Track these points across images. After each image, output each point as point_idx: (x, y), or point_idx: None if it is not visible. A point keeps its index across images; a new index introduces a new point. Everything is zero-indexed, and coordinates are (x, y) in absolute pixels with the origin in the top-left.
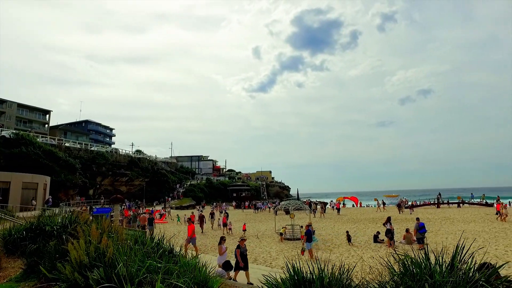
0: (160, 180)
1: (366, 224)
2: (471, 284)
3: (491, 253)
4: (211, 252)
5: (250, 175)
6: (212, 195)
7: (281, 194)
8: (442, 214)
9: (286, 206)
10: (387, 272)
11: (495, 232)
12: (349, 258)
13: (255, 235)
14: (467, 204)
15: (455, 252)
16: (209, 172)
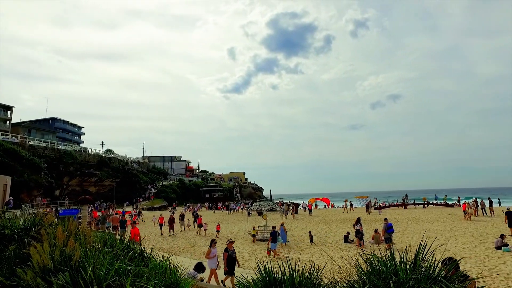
0: (131, 180)
1: (337, 225)
2: (431, 280)
3: (451, 250)
4: (183, 253)
5: (224, 176)
6: (185, 196)
7: (254, 195)
8: (409, 214)
9: (259, 207)
10: (355, 271)
11: (455, 231)
12: (320, 258)
13: (228, 236)
14: (431, 204)
15: (417, 251)
16: (182, 172)
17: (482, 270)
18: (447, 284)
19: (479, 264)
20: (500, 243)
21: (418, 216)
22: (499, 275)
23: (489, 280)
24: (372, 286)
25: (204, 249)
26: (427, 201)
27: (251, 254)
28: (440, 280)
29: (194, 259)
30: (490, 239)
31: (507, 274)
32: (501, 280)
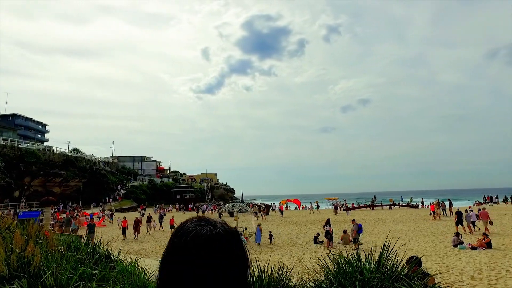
0: (99, 181)
1: (307, 226)
2: (393, 278)
3: (413, 249)
4: (152, 256)
5: (195, 177)
6: (155, 197)
7: (226, 197)
8: (376, 215)
9: (230, 208)
10: (323, 271)
11: (418, 231)
12: (290, 259)
13: None
14: (398, 206)
15: (382, 250)
16: (153, 173)
17: (441, 266)
18: (408, 281)
19: (439, 261)
20: (456, 241)
21: (385, 217)
22: (455, 271)
23: (446, 276)
24: (338, 285)
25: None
26: (394, 202)
27: None
28: (402, 278)
29: None
30: (449, 238)
31: (461, 270)
32: (456, 275)
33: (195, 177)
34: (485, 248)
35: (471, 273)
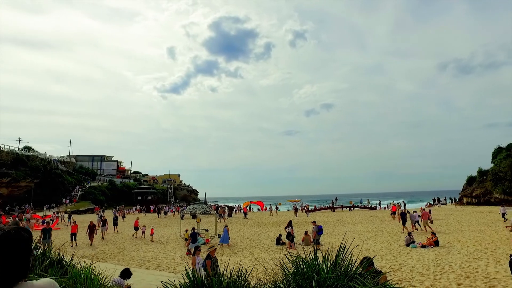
0: (54, 181)
1: (269, 227)
2: (348, 278)
3: (370, 249)
4: (110, 259)
5: (157, 178)
6: (115, 198)
7: (189, 198)
8: (336, 217)
9: (193, 210)
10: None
11: (375, 231)
12: (252, 260)
13: (160, 240)
14: (357, 207)
15: (338, 251)
16: (113, 173)
17: (394, 264)
18: (361, 280)
19: (392, 260)
20: (409, 240)
21: (345, 219)
22: (406, 268)
23: (398, 273)
24: (296, 286)
25: (133, 254)
26: (353, 204)
27: (184, 258)
28: (356, 277)
29: (122, 265)
30: (402, 237)
31: (412, 267)
32: (408, 272)
33: (157, 178)
34: (433, 246)
35: (420, 269)
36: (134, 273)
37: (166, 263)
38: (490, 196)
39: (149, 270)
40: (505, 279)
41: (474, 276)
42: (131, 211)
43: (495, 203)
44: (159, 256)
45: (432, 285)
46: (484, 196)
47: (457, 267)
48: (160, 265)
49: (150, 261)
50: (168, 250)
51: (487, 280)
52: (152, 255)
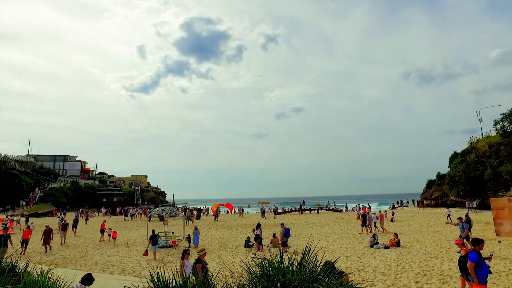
0: (10, 182)
1: (238, 230)
2: (312, 279)
3: (336, 250)
4: (70, 265)
5: (124, 179)
6: (79, 200)
7: (157, 200)
8: (304, 219)
9: (160, 212)
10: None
11: (341, 233)
12: (220, 263)
13: (125, 243)
14: (325, 210)
15: (303, 253)
16: (77, 174)
17: (359, 265)
18: (325, 281)
19: (357, 261)
20: (373, 241)
21: (312, 221)
22: (370, 269)
23: (362, 273)
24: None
25: (97, 259)
26: (321, 207)
27: (150, 262)
28: (320, 278)
29: (83, 271)
30: (367, 239)
31: (375, 267)
32: (371, 272)
33: (124, 180)
34: (395, 247)
35: (382, 269)
36: (97, 278)
37: (131, 267)
38: (447, 198)
39: (113, 275)
40: (456, 275)
41: (431, 274)
42: (95, 214)
43: (451, 205)
44: (124, 260)
45: (393, 284)
46: (441, 198)
47: (416, 266)
48: (125, 269)
49: (115, 266)
50: (134, 254)
51: (441, 277)
52: (116, 259)
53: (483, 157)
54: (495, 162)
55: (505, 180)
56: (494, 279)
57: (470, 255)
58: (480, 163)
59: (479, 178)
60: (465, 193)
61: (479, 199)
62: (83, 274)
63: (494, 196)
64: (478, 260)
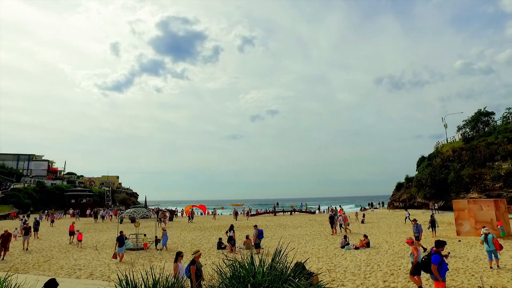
0: None
1: (211, 231)
2: (283, 280)
3: (308, 251)
4: (33, 270)
5: (94, 180)
6: (44, 202)
7: (128, 201)
8: (278, 221)
9: (131, 214)
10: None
11: (314, 235)
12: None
13: (94, 246)
14: (298, 212)
15: (274, 254)
16: (43, 174)
17: (330, 266)
18: (295, 282)
19: (328, 261)
20: (344, 243)
21: (286, 223)
22: (340, 269)
23: (333, 274)
24: None
25: (62, 263)
26: (294, 208)
27: (119, 265)
28: (290, 279)
29: (47, 276)
30: (339, 240)
31: (345, 268)
32: (341, 273)
33: (94, 180)
34: (365, 248)
35: (352, 269)
36: (62, 283)
37: (100, 271)
38: (414, 200)
39: (80, 279)
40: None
41: (397, 273)
42: (62, 216)
43: (417, 206)
44: (92, 264)
45: (362, 283)
46: (409, 200)
47: (384, 266)
48: (93, 273)
49: (82, 269)
50: (103, 257)
51: (407, 276)
52: (84, 263)
53: (448, 161)
54: (458, 166)
55: (466, 183)
56: (453, 276)
57: (432, 258)
58: (444, 167)
59: (443, 181)
60: (431, 195)
61: (443, 201)
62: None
63: (456, 198)
64: (440, 261)
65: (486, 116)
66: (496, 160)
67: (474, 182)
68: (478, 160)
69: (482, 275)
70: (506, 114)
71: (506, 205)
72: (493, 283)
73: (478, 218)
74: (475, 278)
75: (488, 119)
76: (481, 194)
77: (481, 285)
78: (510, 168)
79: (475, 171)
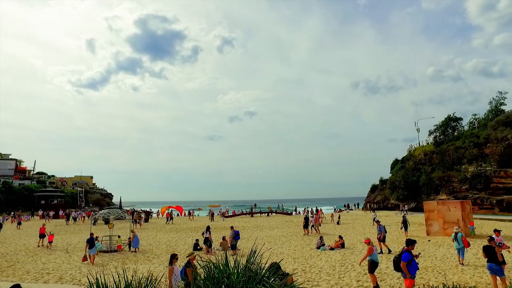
0: None
1: (187, 233)
2: (257, 281)
3: (285, 252)
4: None
5: (67, 180)
6: (11, 203)
7: (102, 202)
8: (255, 222)
9: (105, 215)
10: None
11: (290, 236)
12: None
13: (64, 249)
14: (275, 213)
15: (249, 255)
16: (10, 174)
17: (305, 266)
18: (269, 283)
19: (304, 262)
20: (319, 243)
21: (262, 224)
22: (316, 269)
23: (308, 274)
24: None
25: (29, 267)
26: (271, 210)
27: (92, 268)
28: (264, 280)
29: (11, 281)
30: (314, 241)
31: (321, 268)
32: (316, 273)
33: (66, 180)
34: (340, 248)
35: (327, 270)
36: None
37: (70, 275)
38: (388, 202)
39: (48, 284)
40: (392, 273)
41: None
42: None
43: (391, 208)
44: (62, 267)
45: (336, 283)
46: (383, 202)
47: (358, 266)
48: (62, 277)
49: (51, 274)
50: (74, 260)
51: (379, 275)
52: (53, 267)
53: (420, 164)
54: (429, 168)
55: (436, 185)
56: (422, 274)
57: (403, 255)
58: (417, 170)
59: (415, 183)
60: (404, 197)
61: (415, 203)
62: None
63: (427, 199)
64: (409, 259)
65: (455, 122)
66: (463, 164)
67: (443, 184)
68: (447, 163)
69: (446, 273)
70: (472, 120)
71: (471, 206)
72: (457, 280)
73: (446, 218)
74: (442, 275)
75: (457, 124)
76: (450, 196)
77: (445, 282)
78: (475, 171)
79: (444, 173)
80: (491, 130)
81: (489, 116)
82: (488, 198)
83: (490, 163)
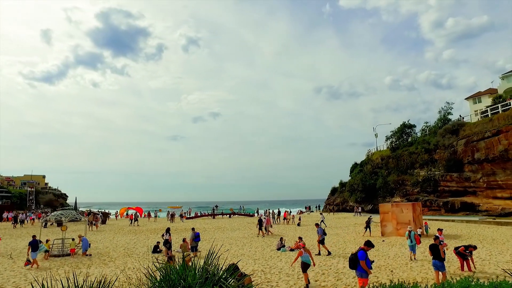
0: None
1: (147, 234)
2: (214, 282)
3: (245, 254)
4: None
5: (14, 179)
6: None
7: (56, 203)
8: (216, 224)
9: (58, 217)
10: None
11: (251, 237)
12: (125, 270)
13: (8, 254)
14: (237, 215)
15: (206, 257)
16: None
17: (265, 267)
18: (226, 283)
19: (264, 263)
20: (280, 245)
21: (224, 225)
22: (275, 270)
23: (268, 275)
24: None
25: None
26: (233, 211)
27: (38, 274)
28: (221, 281)
29: None
30: (275, 242)
31: (280, 269)
32: (276, 274)
33: (14, 180)
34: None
35: (287, 271)
36: None
37: (13, 282)
38: (347, 204)
39: None
40: (348, 272)
41: (328, 272)
42: None
43: (350, 210)
44: (4, 274)
45: (295, 283)
46: (342, 204)
47: (316, 266)
48: (3, 286)
49: None
50: (19, 266)
51: (336, 275)
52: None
53: (377, 168)
54: (385, 172)
55: (392, 188)
56: (376, 273)
57: (359, 254)
58: (374, 173)
59: (373, 186)
60: (362, 199)
61: (372, 205)
62: None
63: (383, 201)
64: (366, 257)
65: (409, 128)
66: (416, 168)
67: (398, 187)
68: (402, 168)
69: (396, 270)
70: (424, 127)
71: (421, 208)
72: (406, 277)
73: (399, 219)
74: (393, 273)
75: (411, 131)
76: (403, 198)
77: (391, 278)
78: (426, 175)
79: (399, 177)
80: (440, 137)
81: (438, 124)
82: (436, 200)
83: (439, 168)
